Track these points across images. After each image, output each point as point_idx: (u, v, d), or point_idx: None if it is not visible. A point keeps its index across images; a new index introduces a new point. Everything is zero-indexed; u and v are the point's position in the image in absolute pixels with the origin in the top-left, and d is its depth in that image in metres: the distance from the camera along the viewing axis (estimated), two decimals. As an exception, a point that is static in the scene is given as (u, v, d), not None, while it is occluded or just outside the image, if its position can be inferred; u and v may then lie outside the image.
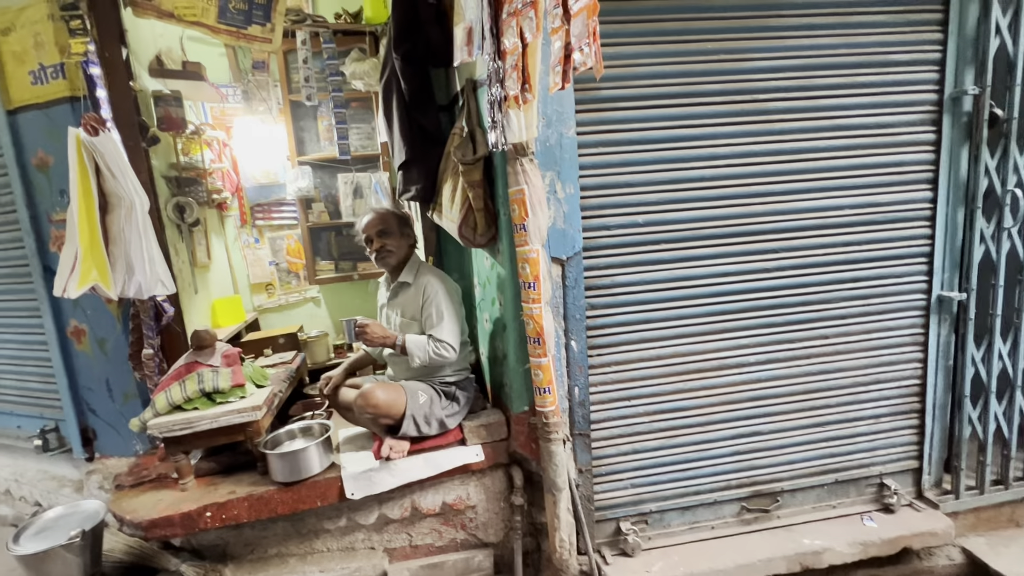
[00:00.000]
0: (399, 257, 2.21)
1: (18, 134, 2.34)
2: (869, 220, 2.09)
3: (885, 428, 2.23)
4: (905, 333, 2.18)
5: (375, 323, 2.11)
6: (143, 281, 2.11)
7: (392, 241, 2.19)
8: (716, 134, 1.96)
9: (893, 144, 2.06)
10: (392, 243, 2.18)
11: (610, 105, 1.90)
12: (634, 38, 1.87)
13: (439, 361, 2.08)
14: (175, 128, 2.84)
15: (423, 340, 2.07)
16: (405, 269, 2.22)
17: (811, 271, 2.09)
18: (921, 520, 2.15)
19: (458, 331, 2.13)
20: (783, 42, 1.95)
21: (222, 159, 3.52)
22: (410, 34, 2.21)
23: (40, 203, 2.38)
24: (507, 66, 1.37)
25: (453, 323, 2.10)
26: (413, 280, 2.20)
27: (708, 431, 2.13)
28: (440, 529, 2.18)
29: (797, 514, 2.22)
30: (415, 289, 2.18)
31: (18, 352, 2.64)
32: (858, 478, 2.25)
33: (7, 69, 2.31)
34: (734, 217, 2.02)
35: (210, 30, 2.30)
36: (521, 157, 1.70)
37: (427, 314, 2.11)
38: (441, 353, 2.06)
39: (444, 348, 2.06)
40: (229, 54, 3.65)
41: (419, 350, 2.06)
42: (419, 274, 2.21)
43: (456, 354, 2.10)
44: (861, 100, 2.02)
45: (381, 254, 2.18)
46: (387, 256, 2.19)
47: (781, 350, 2.12)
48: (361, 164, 3.63)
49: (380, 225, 2.19)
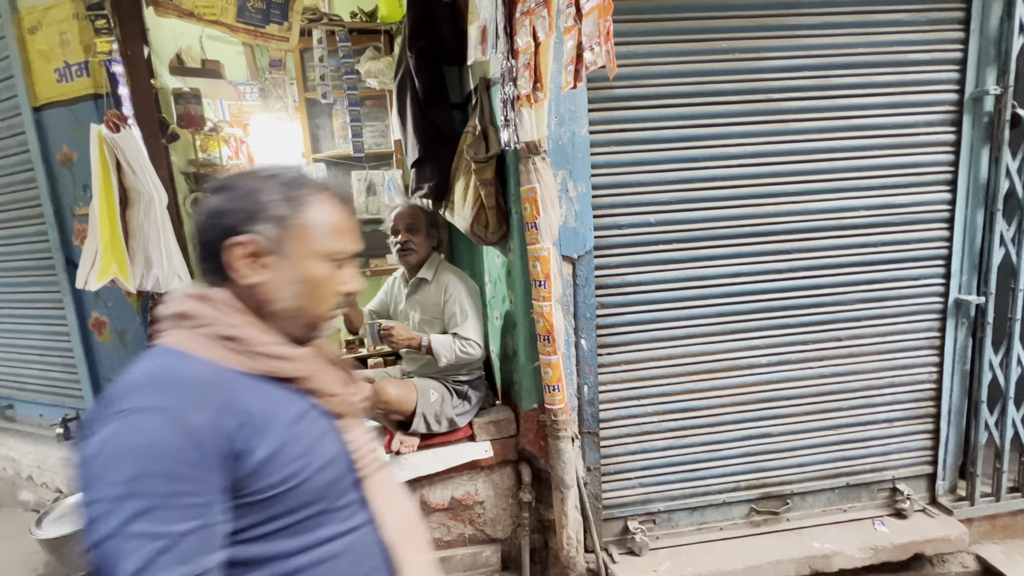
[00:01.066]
0: (420, 257, 2.21)
1: (44, 130, 2.40)
2: (886, 222, 2.06)
3: (899, 432, 2.21)
4: (921, 336, 2.15)
5: (400, 325, 2.11)
6: (161, 275, 2.15)
7: (417, 239, 2.19)
8: (730, 133, 1.95)
9: (911, 145, 2.03)
10: (417, 241, 2.19)
11: (623, 104, 1.90)
12: (647, 36, 1.87)
13: (465, 359, 2.08)
14: (194, 125, 2.89)
15: (448, 339, 2.07)
16: (425, 266, 2.23)
17: (825, 273, 2.07)
18: (935, 526, 2.12)
19: (482, 329, 2.14)
20: (799, 40, 1.93)
21: (239, 156, 3.57)
22: (424, 32, 2.23)
23: (64, 198, 2.44)
24: (519, 65, 1.38)
25: (477, 321, 2.11)
26: (432, 278, 2.20)
27: (718, 432, 2.12)
28: (448, 524, 2.20)
29: (807, 517, 2.20)
30: (435, 287, 2.18)
31: (42, 343, 2.71)
32: (870, 482, 2.22)
33: (34, 67, 2.37)
34: (747, 217, 2.00)
35: (229, 29, 2.34)
36: (533, 155, 1.70)
37: (450, 313, 2.12)
38: (467, 351, 2.07)
39: (470, 346, 2.07)
40: (247, 52, 3.69)
41: (445, 349, 2.05)
42: (439, 272, 2.21)
43: (481, 351, 2.11)
44: (879, 100, 1.99)
45: (404, 249, 2.19)
46: (408, 253, 2.19)
47: (793, 352, 2.11)
48: (375, 161, 3.66)
49: (409, 220, 2.19)
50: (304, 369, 0.75)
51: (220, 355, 0.70)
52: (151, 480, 0.59)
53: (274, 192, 0.73)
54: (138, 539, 0.57)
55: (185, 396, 0.64)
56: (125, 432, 0.60)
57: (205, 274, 0.76)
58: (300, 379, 0.75)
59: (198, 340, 0.70)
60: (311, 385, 0.75)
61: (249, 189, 0.73)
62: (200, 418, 0.62)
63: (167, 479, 0.59)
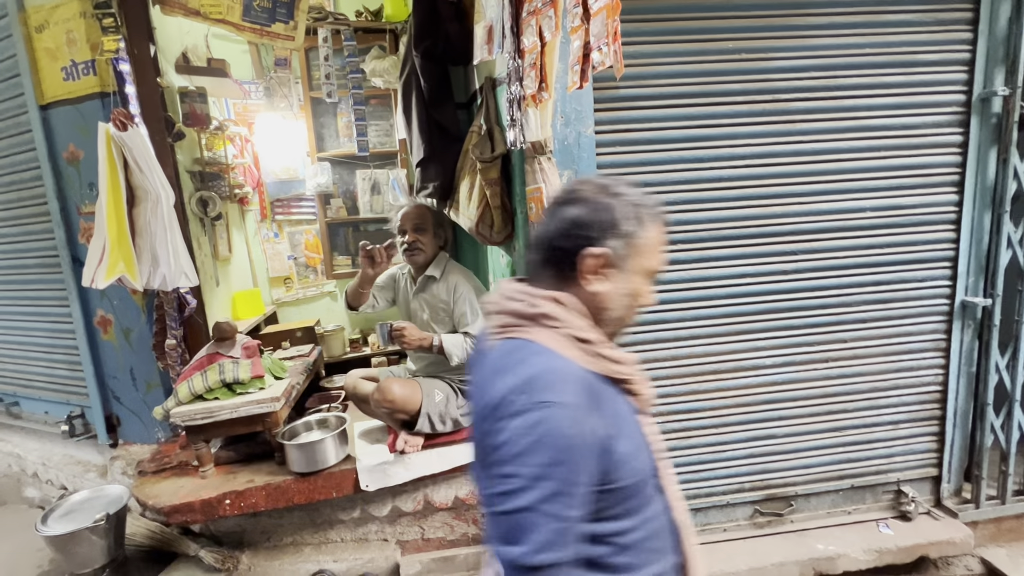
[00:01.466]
0: (427, 257, 2.21)
1: (50, 129, 2.41)
2: (892, 223, 2.06)
3: (904, 434, 2.20)
4: (927, 338, 2.14)
5: (411, 326, 2.10)
6: (167, 273, 2.16)
7: (425, 239, 2.19)
8: (736, 134, 1.95)
9: (919, 146, 2.02)
10: (424, 241, 2.19)
11: (629, 104, 1.90)
12: (654, 36, 1.86)
13: None
14: (200, 124, 2.89)
15: (459, 339, 2.08)
16: (432, 264, 2.22)
17: (832, 274, 2.06)
18: (939, 529, 2.11)
19: None
20: (807, 41, 1.92)
21: (244, 155, 3.58)
22: (430, 32, 2.23)
23: (70, 196, 2.45)
24: (525, 65, 1.38)
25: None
26: (440, 276, 2.20)
27: (723, 433, 2.12)
28: (452, 523, 2.20)
29: (811, 519, 2.19)
30: (443, 285, 2.18)
31: (47, 340, 2.72)
32: (875, 484, 2.22)
33: (41, 65, 2.38)
34: (753, 218, 2.00)
35: (235, 27, 2.34)
36: (539, 155, 1.70)
37: (460, 312, 2.12)
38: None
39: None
40: (252, 51, 3.70)
41: (457, 349, 2.06)
42: (447, 272, 2.21)
43: None
44: (886, 101, 1.98)
45: (411, 249, 2.19)
46: (416, 253, 2.19)
47: (798, 353, 2.10)
48: (379, 161, 3.67)
49: (417, 220, 2.19)
50: (631, 372, 0.83)
51: (576, 355, 0.78)
52: (562, 468, 0.69)
53: (626, 210, 0.81)
54: (548, 517, 0.68)
55: (582, 396, 0.73)
56: (547, 423, 0.69)
57: (540, 275, 0.84)
58: (627, 380, 0.83)
59: (560, 340, 0.78)
60: (633, 386, 0.84)
61: (605, 205, 0.81)
62: (593, 418, 0.72)
63: (572, 469, 0.70)
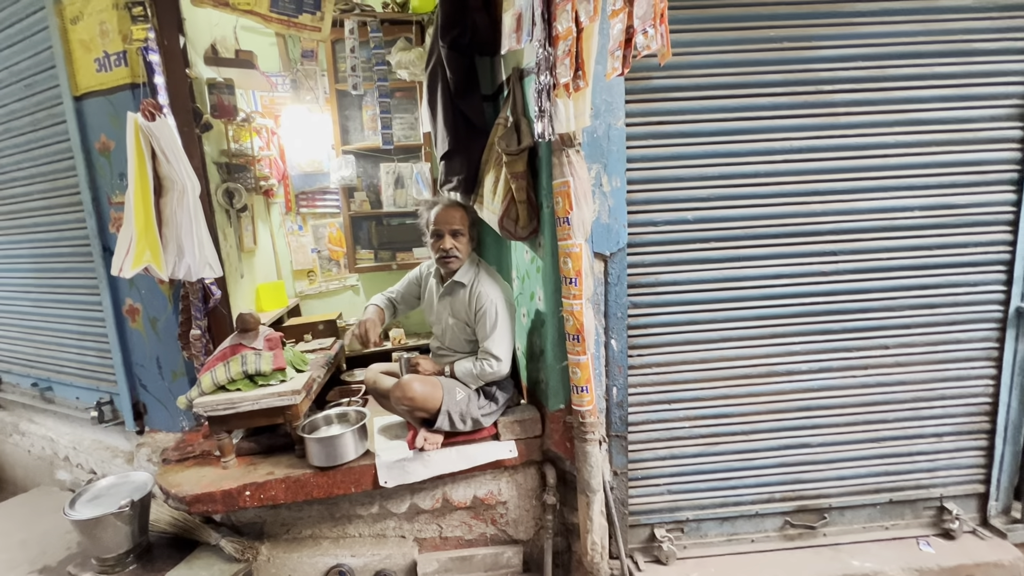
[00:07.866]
0: (461, 263, 2.12)
1: (83, 119, 2.45)
2: (942, 223, 1.94)
3: (949, 448, 2.08)
4: (977, 347, 2.02)
5: (427, 360, 2.19)
6: (192, 264, 2.17)
7: (462, 243, 2.09)
8: (776, 127, 1.86)
9: (973, 141, 1.90)
10: (462, 246, 2.08)
11: (662, 95, 1.82)
12: (691, 24, 1.78)
13: (488, 377, 2.08)
14: (227, 115, 2.91)
15: (469, 367, 2.09)
16: (462, 269, 2.13)
17: (874, 276, 1.96)
18: (985, 549, 1.99)
19: (510, 344, 2.08)
20: (855, 29, 1.82)
21: (270, 147, 3.60)
22: (457, 21, 2.18)
23: (101, 186, 2.49)
24: (559, 52, 1.32)
25: (507, 336, 2.06)
26: (469, 284, 2.10)
27: (753, 440, 2.04)
28: (470, 523, 2.17)
29: (845, 533, 2.10)
30: (469, 293, 2.10)
31: (79, 327, 2.78)
32: (915, 499, 2.10)
33: (75, 56, 2.41)
34: (791, 216, 1.90)
35: (262, 19, 2.34)
36: (567, 148, 1.64)
37: (480, 327, 2.07)
38: (485, 369, 2.05)
39: (490, 364, 2.04)
40: (279, 43, 3.72)
41: (469, 378, 2.10)
42: (477, 280, 2.10)
43: (504, 368, 2.08)
44: (939, 92, 1.87)
45: (447, 257, 2.08)
46: (452, 261, 2.09)
47: (836, 359, 2.00)
48: (403, 154, 3.65)
49: (457, 224, 2.07)
50: None
51: None
52: None
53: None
54: None
55: None
56: None
57: None
58: None
59: None
60: None
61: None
62: None
63: None
